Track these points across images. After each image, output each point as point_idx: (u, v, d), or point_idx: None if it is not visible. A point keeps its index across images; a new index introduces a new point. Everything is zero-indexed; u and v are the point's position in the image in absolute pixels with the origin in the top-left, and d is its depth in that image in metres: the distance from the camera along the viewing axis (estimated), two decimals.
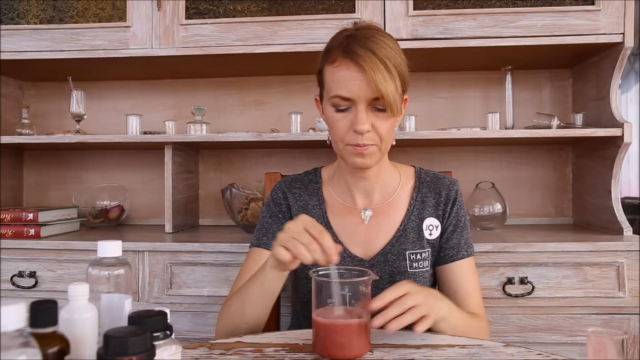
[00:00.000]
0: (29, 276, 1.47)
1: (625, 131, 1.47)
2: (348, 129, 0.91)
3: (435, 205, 1.04)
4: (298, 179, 1.10)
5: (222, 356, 0.73)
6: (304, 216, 0.80)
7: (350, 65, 0.88)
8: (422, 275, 1.00)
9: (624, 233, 1.48)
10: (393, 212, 1.03)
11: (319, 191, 1.07)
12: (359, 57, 0.87)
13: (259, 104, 1.94)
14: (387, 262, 0.99)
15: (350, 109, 0.91)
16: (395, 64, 0.89)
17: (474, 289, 1.01)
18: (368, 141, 0.91)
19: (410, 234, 1.01)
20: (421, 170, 1.09)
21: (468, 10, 1.54)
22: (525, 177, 1.86)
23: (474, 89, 1.87)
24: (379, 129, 0.91)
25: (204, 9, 1.63)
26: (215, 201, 1.93)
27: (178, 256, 1.43)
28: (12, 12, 1.69)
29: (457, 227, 1.03)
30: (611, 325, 1.34)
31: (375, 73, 0.86)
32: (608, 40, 1.50)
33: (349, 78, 0.88)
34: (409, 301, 0.76)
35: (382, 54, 0.88)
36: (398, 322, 0.74)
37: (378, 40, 0.89)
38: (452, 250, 1.02)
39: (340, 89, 0.90)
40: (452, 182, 1.06)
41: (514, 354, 0.74)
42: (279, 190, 1.08)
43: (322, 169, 1.12)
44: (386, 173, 1.05)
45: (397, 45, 0.93)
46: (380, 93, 0.86)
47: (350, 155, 0.94)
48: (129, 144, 1.76)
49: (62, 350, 0.52)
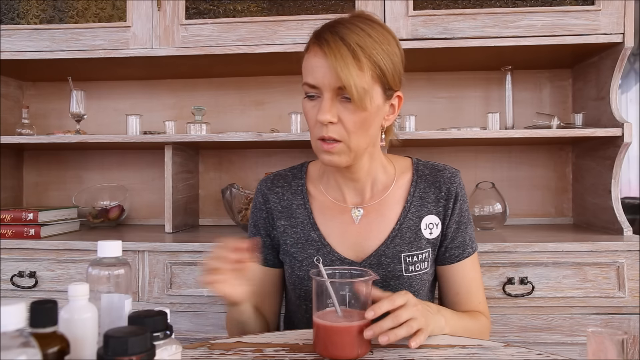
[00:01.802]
0: (29, 276, 1.47)
1: (625, 131, 1.47)
2: (316, 120, 0.85)
3: (436, 201, 0.97)
4: (282, 175, 1.04)
5: (222, 356, 0.73)
6: (216, 248, 0.80)
7: (317, 52, 0.84)
8: (420, 279, 0.94)
9: (624, 233, 1.48)
10: (387, 210, 0.96)
11: (304, 188, 1.00)
12: (325, 42, 0.83)
13: (259, 104, 1.94)
14: (381, 265, 0.93)
15: (320, 98, 0.85)
16: (370, 53, 0.82)
17: (476, 287, 0.98)
18: (333, 134, 0.85)
19: (407, 233, 0.95)
20: (419, 162, 1.01)
21: (468, 10, 1.54)
22: (525, 177, 1.86)
23: (474, 89, 1.87)
24: (345, 122, 0.84)
25: (204, 9, 1.63)
26: (215, 201, 1.93)
27: (178, 256, 1.43)
28: (12, 12, 1.69)
29: (461, 224, 0.97)
30: (611, 325, 1.34)
31: (337, 59, 0.80)
32: (608, 40, 1.50)
33: (316, 65, 0.84)
34: (405, 313, 0.73)
35: (352, 40, 0.82)
36: (392, 335, 0.71)
37: (354, 27, 0.83)
38: (457, 250, 0.97)
39: (308, 76, 0.86)
40: (454, 174, 0.99)
41: (514, 354, 0.74)
42: (260, 194, 1.03)
43: (311, 164, 1.05)
44: (378, 169, 0.97)
45: (387, 36, 0.86)
46: (342, 82, 0.81)
47: (319, 152, 0.88)
48: (129, 144, 1.76)
49: (62, 350, 0.52)
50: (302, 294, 0.96)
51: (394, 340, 0.72)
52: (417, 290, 0.95)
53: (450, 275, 0.98)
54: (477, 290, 0.98)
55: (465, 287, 0.97)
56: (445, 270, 0.98)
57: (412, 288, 0.94)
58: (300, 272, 0.96)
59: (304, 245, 0.96)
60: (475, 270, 0.99)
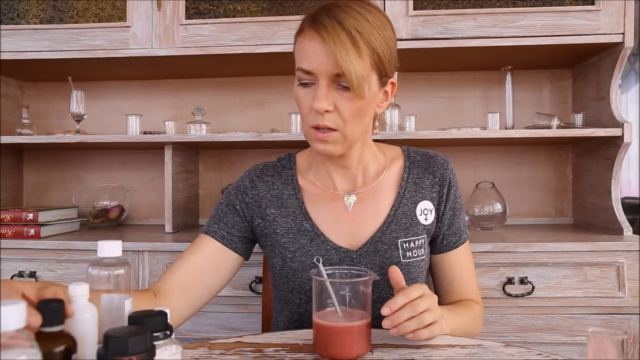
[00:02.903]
0: (29, 276, 1.47)
1: (625, 131, 1.47)
2: (310, 108, 0.82)
3: (430, 186, 0.95)
4: (270, 165, 1.01)
5: (222, 356, 0.73)
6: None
7: (313, 36, 0.80)
8: (417, 265, 0.92)
9: (624, 233, 1.48)
10: (381, 196, 0.94)
11: (294, 178, 0.98)
12: (322, 27, 0.78)
13: (259, 104, 1.94)
14: (377, 252, 0.90)
15: (314, 85, 0.82)
16: (368, 40, 0.79)
17: (469, 275, 0.98)
18: (329, 123, 0.82)
19: (402, 219, 0.92)
20: (409, 149, 1.00)
21: (468, 10, 1.54)
22: (525, 177, 1.86)
23: (474, 89, 1.87)
24: (342, 110, 0.81)
25: (204, 9, 1.63)
26: (215, 201, 1.93)
27: (178, 256, 1.42)
28: (12, 12, 1.69)
29: (456, 210, 0.97)
30: (611, 325, 1.34)
31: (336, 45, 0.77)
32: (608, 40, 1.50)
33: (311, 50, 0.80)
34: (423, 304, 0.72)
35: (350, 25, 0.78)
36: (402, 327, 0.71)
37: (352, 11, 0.80)
38: (454, 237, 0.96)
39: (302, 61, 0.82)
40: (446, 161, 0.98)
41: (514, 354, 0.74)
42: (247, 178, 0.98)
43: (298, 154, 1.02)
44: (370, 156, 0.96)
45: (383, 21, 0.83)
46: (341, 69, 0.77)
47: (313, 141, 0.85)
48: (129, 144, 1.76)
49: (69, 349, 0.52)
50: (295, 286, 0.93)
51: (403, 333, 0.72)
52: (415, 278, 0.93)
53: (446, 263, 0.98)
54: (470, 278, 0.98)
55: (459, 276, 0.97)
56: (441, 259, 0.98)
57: (411, 275, 0.92)
58: (293, 264, 0.92)
59: (296, 235, 0.94)
60: (468, 258, 0.99)
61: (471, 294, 0.97)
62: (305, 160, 1.00)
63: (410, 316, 0.72)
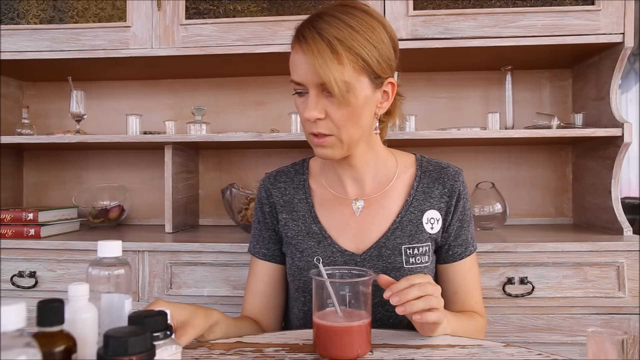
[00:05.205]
0: (29, 276, 1.47)
1: (625, 131, 1.47)
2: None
3: (439, 196, 0.97)
4: (284, 171, 1.05)
5: (222, 356, 0.73)
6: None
7: (298, 49, 0.84)
8: (421, 271, 0.94)
9: (624, 233, 1.48)
10: (388, 202, 0.96)
11: (305, 183, 1.01)
12: (303, 39, 0.83)
13: (259, 104, 1.94)
14: (381, 257, 0.93)
15: (307, 94, 0.86)
16: (350, 45, 0.80)
17: (474, 287, 0.98)
18: (323, 129, 0.85)
19: (408, 226, 0.94)
20: (422, 158, 1.02)
21: (468, 10, 1.54)
22: (525, 177, 1.86)
23: (474, 89, 1.87)
24: (333, 116, 0.84)
25: (204, 9, 1.63)
26: (215, 201, 1.93)
27: (178, 256, 1.43)
28: (12, 12, 1.69)
29: (464, 222, 0.98)
30: (611, 325, 1.34)
31: (315, 56, 0.80)
32: (608, 40, 1.50)
33: (297, 62, 0.85)
34: (430, 287, 0.73)
35: (330, 35, 0.80)
36: (409, 306, 0.71)
37: (333, 20, 0.82)
38: (460, 248, 0.97)
39: (293, 73, 0.87)
40: (457, 172, 0.99)
41: (514, 354, 0.74)
42: (263, 189, 1.04)
43: (311, 159, 1.06)
44: (379, 161, 0.98)
45: (371, 24, 0.84)
46: (321, 79, 0.80)
47: (313, 146, 0.90)
48: (129, 144, 1.76)
49: (69, 349, 0.52)
50: (300, 285, 0.96)
51: (410, 312, 0.71)
52: None
53: (450, 273, 0.98)
54: (474, 290, 0.99)
55: (464, 287, 0.98)
56: (446, 269, 0.99)
57: None
58: (300, 263, 0.96)
59: (305, 237, 0.97)
60: (474, 270, 1.00)
61: (474, 307, 0.97)
62: (318, 164, 1.04)
63: (419, 295, 0.72)
